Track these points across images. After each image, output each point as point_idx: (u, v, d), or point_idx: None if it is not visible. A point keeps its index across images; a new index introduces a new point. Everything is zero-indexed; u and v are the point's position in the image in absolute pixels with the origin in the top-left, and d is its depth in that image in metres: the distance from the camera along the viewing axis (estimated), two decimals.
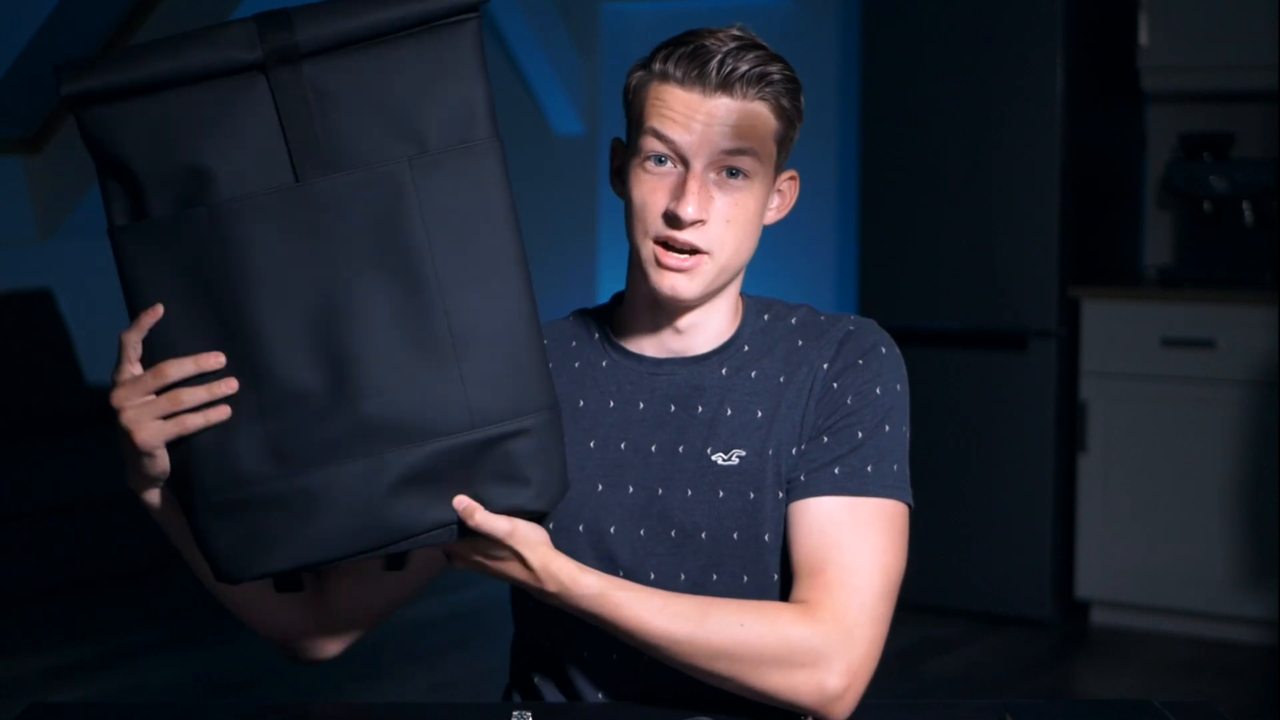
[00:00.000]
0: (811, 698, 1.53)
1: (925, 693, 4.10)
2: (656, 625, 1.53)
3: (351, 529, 1.39)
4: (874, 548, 1.58)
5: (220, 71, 1.37)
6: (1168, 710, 1.60)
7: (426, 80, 1.39)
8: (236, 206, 1.37)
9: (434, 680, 4.04)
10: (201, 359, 1.39)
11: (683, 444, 1.64)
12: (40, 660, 4.42)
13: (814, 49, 5.43)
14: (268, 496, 1.39)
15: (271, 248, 1.37)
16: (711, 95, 1.58)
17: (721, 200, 1.59)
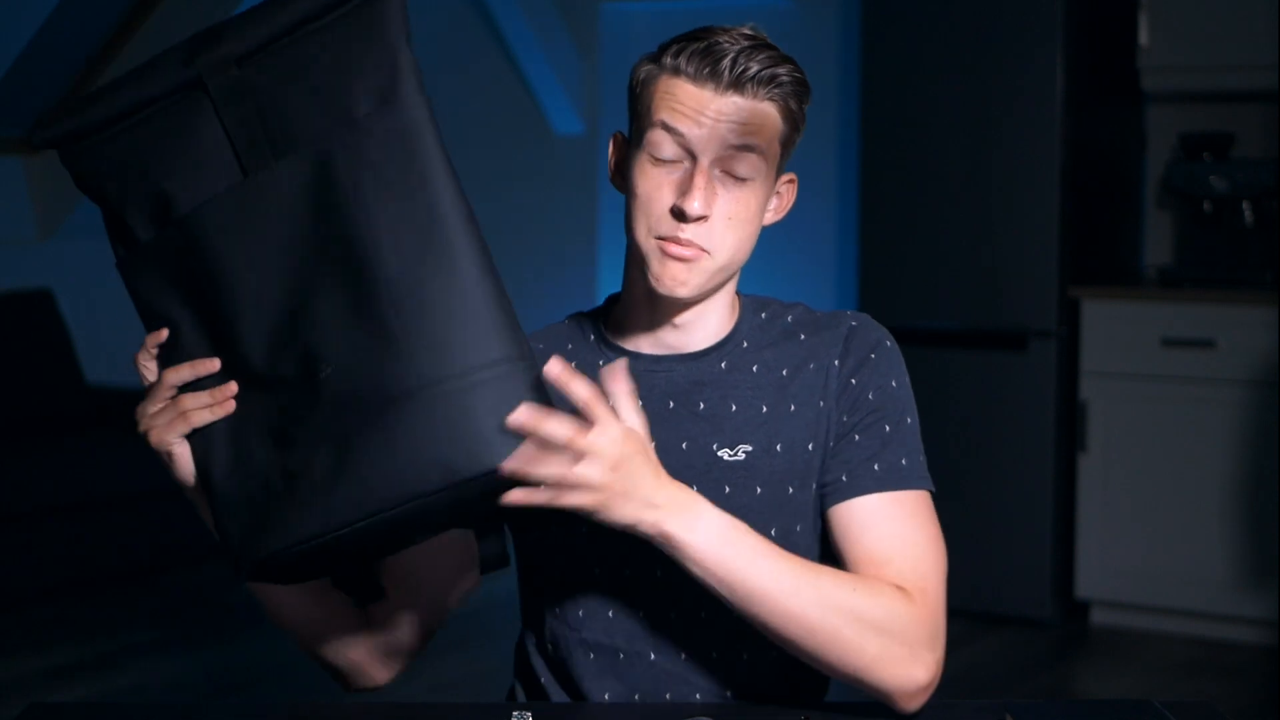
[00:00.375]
0: (900, 684, 1.54)
1: None
2: (768, 573, 1.49)
3: (328, 509, 1.38)
4: (928, 536, 1.60)
5: (164, 94, 1.44)
6: (1168, 710, 1.60)
7: (349, 56, 1.41)
8: (199, 215, 1.43)
9: (434, 680, 4.04)
10: (198, 364, 1.46)
11: (686, 440, 1.64)
12: (40, 660, 4.42)
13: (814, 49, 5.43)
14: (270, 484, 1.41)
15: (234, 246, 1.42)
16: (723, 93, 1.58)
17: (725, 198, 1.59)
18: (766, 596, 1.49)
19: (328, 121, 1.41)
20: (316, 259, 1.41)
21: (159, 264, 1.46)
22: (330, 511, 1.37)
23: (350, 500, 1.37)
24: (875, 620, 1.52)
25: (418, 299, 1.38)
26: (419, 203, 1.40)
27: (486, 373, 1.37)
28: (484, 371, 1.37)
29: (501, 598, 4.81)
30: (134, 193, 1.46)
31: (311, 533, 1.38)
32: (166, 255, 1.45)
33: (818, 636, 1.51)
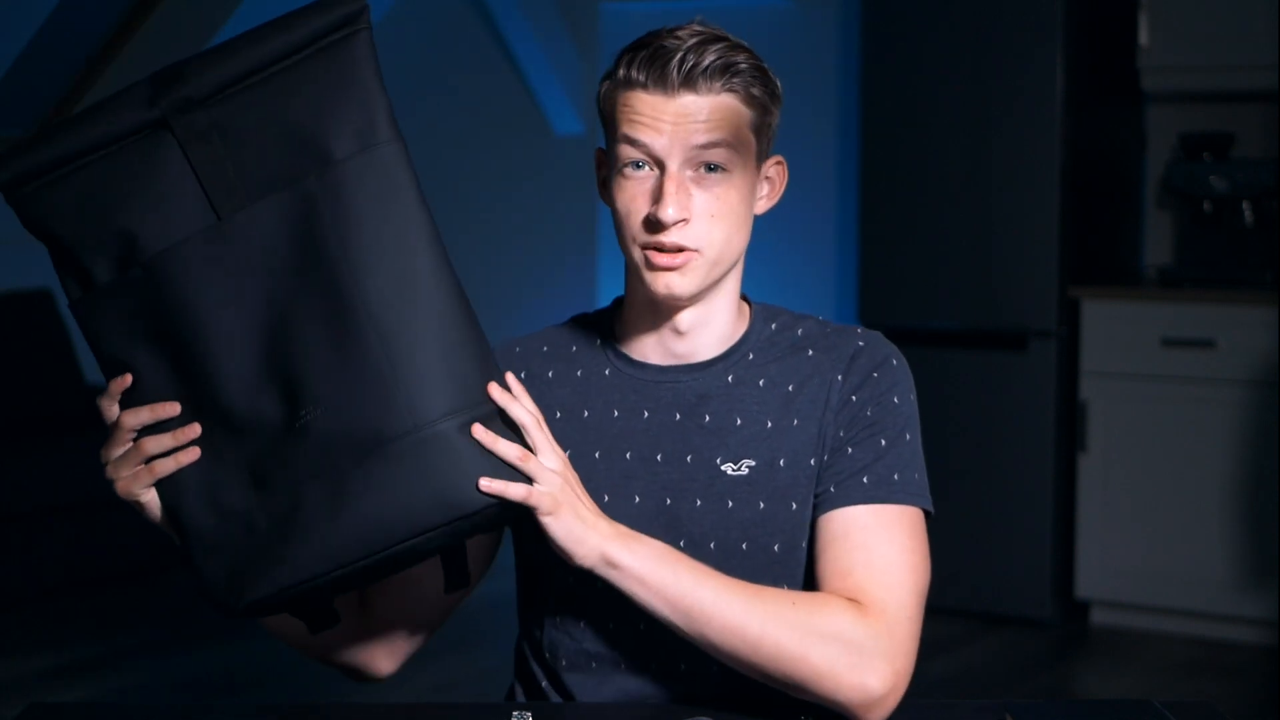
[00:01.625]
0: (852, 694, 1.52)
1: (925, 693, 4.09)
2: (709, 589, 1.51)
3: (327, 548, 1.40)
4: (901, 549, 1.58)
5: (126, 134, 1.42)
6: (1168, 710, 1.60)
7: (323, 97, 1.41)
8: (168, 258, 1.41)
9: (434, 680, 4.04)
10: (157, 408, 1.44)
11: (690, 453, 1.63)
12: (40, 660, 4.42)
13: (814, 49, 5.43)
14: (251, 527, 1.41)
15: (208, 289, 1.41)
16: (676, 94, 1.57)
17: (702, 196, 1.58)
18: (708, 613, 1.50)
19: (303, 162, 1.41)
20: (296, 301, 1.40)
21: (122, 305, 1.43)
22: (334, 549, 1.39)
23: (354, 537, 1.39)
24: (818, 631, 1.51)
25: (405, 341, 1.40)
26: (402, 246, 1.42)
27: (477, 411, 1.41)
28: (474, 410, 1.41)
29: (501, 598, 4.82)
30: (93, 233, 1.42)
31: (317, 571, 1.40)
32: (131, 296, 1.42)
33: (762, 649, 1.51)
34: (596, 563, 1.49)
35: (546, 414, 1.66)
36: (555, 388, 1.69)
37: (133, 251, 1.41)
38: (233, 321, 1.41)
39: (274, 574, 1.40)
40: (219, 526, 1.42)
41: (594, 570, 1.50)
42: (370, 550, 1.40)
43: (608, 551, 1.49)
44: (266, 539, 1.41)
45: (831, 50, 5.44)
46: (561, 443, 1.65)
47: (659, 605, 1.51)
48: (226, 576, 1.42)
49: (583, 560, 1.49)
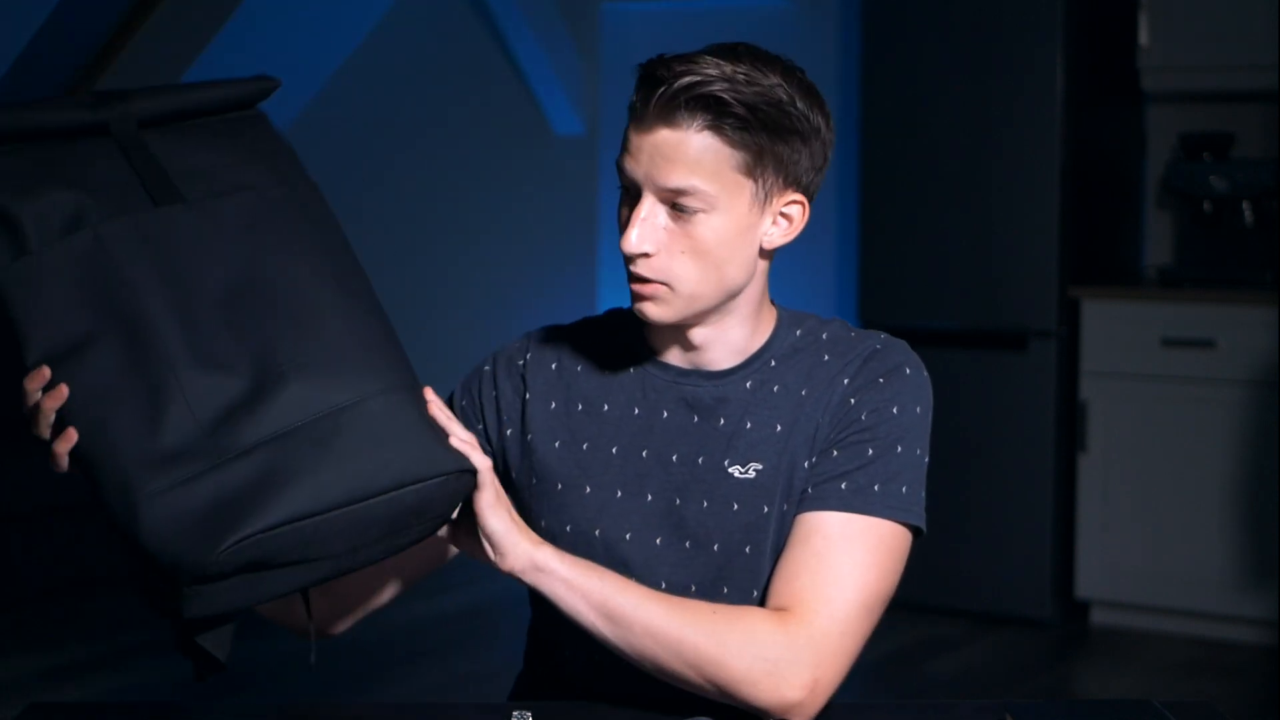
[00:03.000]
0: (770, 700, 1.52)
1: (925, 693, 4.10)
2: (631, 595, 1.54)
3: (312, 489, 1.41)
4: (856, 564, 1.57)
5: (67, 129, 1.52)
6: (1168, 710, 1.60)
7: (235, 145, 1.56)
8: (119, 227, 1.47)
9: (434, 680, 4.04)
10: (33, 377, 1.45)
11: (703, 455, 1.64)
12: (39, 660, 4.42)
13: (814, 49, 5.42)
14: (222, 476, 1.40)
15: (153, 262, 1.47)
16: (652, 129, 1.55)
17: (674, 232, 1.56)
18: (629, 618, 1.52)
19: (223, 184, 1.53)
20: (235, 286, 1.47)
21: (66, 270, 1.45)
22: (321, 490, 1.40)
23: (336, 483, 1.41)
24: (735, 639, 1.52)
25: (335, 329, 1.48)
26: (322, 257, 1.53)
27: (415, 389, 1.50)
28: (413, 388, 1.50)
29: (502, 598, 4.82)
30: (38, 201, 1.46)
31: (303, 510, 1.40)
32: (75, 262, 1.45)
33: (682, 654, 1.52)
34: (526, 567, 1.52)
35: (570, 404, 1.68)
36: (581, 379, 1.70)
37: (78, 220, 1.46)
38: (180, 295, 1.45)
39: (264, 511, 1.39)
40: (186, 479, 1.40)
41: (521, 575, 1.53)
42: (354, 497, 1.41)
43: (535, 556, 1.52)
44: (245, 485, 1.40)
45: (831, 50, 5.44)
46: (580, 434, 1.67)
47: (583, 610, 1.53)
48: (199, 522, 1.39)
49: (512, 564, 1.52)
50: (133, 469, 1.41)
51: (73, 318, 1.44)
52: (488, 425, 1.72)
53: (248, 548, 1.38)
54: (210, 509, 1.38)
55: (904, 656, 4.41)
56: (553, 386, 1.70)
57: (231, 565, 1.39)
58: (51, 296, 1.45)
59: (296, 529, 1.40)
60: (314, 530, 1.40)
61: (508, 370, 1.73)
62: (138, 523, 1.40)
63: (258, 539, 1.38)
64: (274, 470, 1.40)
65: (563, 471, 1.67)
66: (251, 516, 1.38)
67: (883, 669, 4.29)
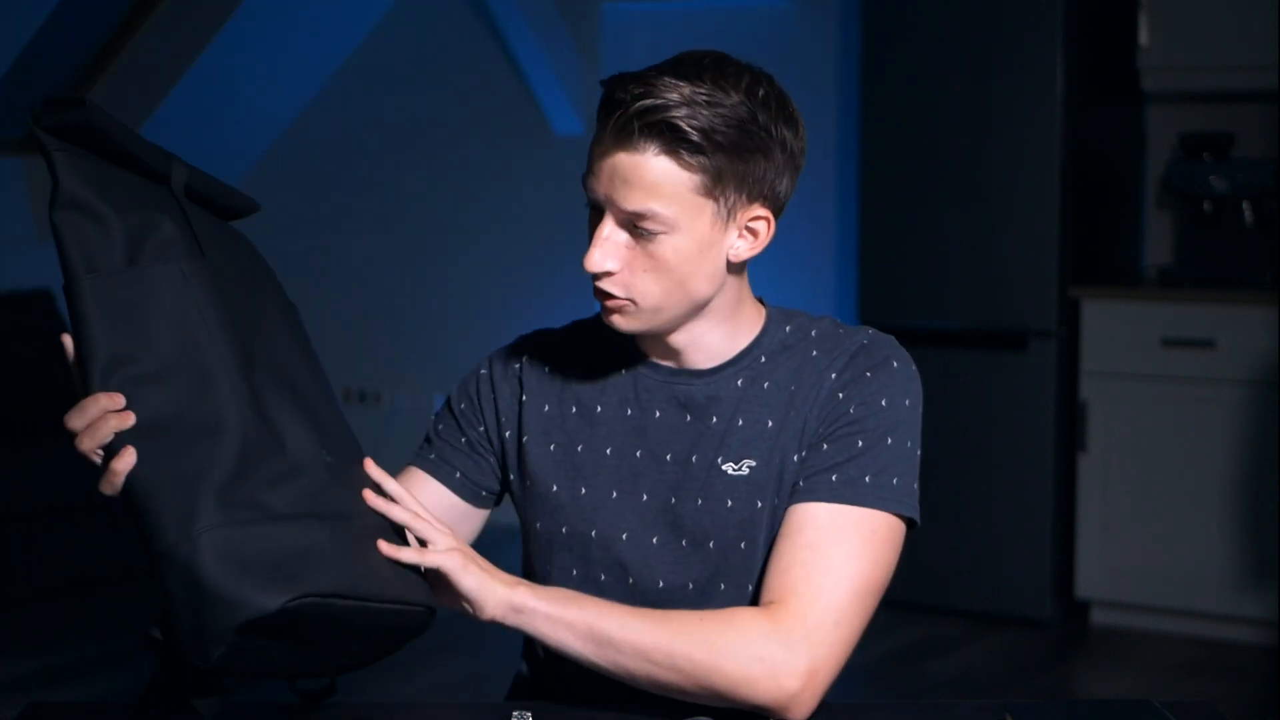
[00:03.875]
0: (769, 696, 1.52)
1: (925, 693, 4.09)
2: (614, 617, 1.53)
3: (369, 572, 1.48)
4: (849, 554, 1.57)
5: (144, 166, 1.52)
6: (1168, 710, 1.60)
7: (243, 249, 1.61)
8: (194, 267, 1.47)
9: (434, 680, 4.04)
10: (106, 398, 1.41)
11: (696, 453, 1.64)
12: (39, 660, 4.41)
13: (814, 49, 5.42)
14: (287, 528, 1.41)
15: (215, 308, 1.47)
16: (610, 151, 1.56)
17: (635, 250, 1.58)
18: (616, 639, 1.52)
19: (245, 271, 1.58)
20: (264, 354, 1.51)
21: (161, 293, 1.45)
22: (357, 578, 1.43)
23: (369, 579, 1.45)
24: (728, 641, 1.51)
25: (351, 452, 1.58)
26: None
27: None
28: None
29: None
30: (133, 215, 1.46)
31: (348, 590, 1.42)
32: (170, 287, 1.45)
33: (676, 666, 1.52)
34: (505, 613, 1.53)
35: (564, 406, 1.68)
36: (574, 381, 1.70)
37: (167, 250, 1.46)
38: (238, 349, 1.46)
39: (325, 575, 1.40)
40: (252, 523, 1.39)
41: (503, 621, 1.53)
42: (378, 596, 1.45)
43: (513, 599, 1.53)
44: (308, 545, 1.41)
45: (831, 50, 5.44)
46: (575, 436, 1.67)
47: (570, 640, 1.53)
48: (262, 568, 1.37)
49: (491, 612, 1.53)
50: (198, 500, 1.38)
51: (155, 342, 1.43)
52: (488, 427, 1.72)
53: (303, 606, 1.38)
54: (272, 558, 1.38)
55: (904, 656, 4.41)
56: (546, 389, 1.71)
57: (281, 620, 1.38)
58: (142, 314, 1.44)
59: (337, 606, 1.41)
60: (349, 613, 1.42)
61: (504, 373, 1.73)
62: (201, 553, 1.37)
63: (312, 601, 1.38)
64: (322, 543, 1.41)
65: (557, 474, 1.67)
66: (310, 576, 1.39)
67: (883, 669, 4.29)
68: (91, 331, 1.41)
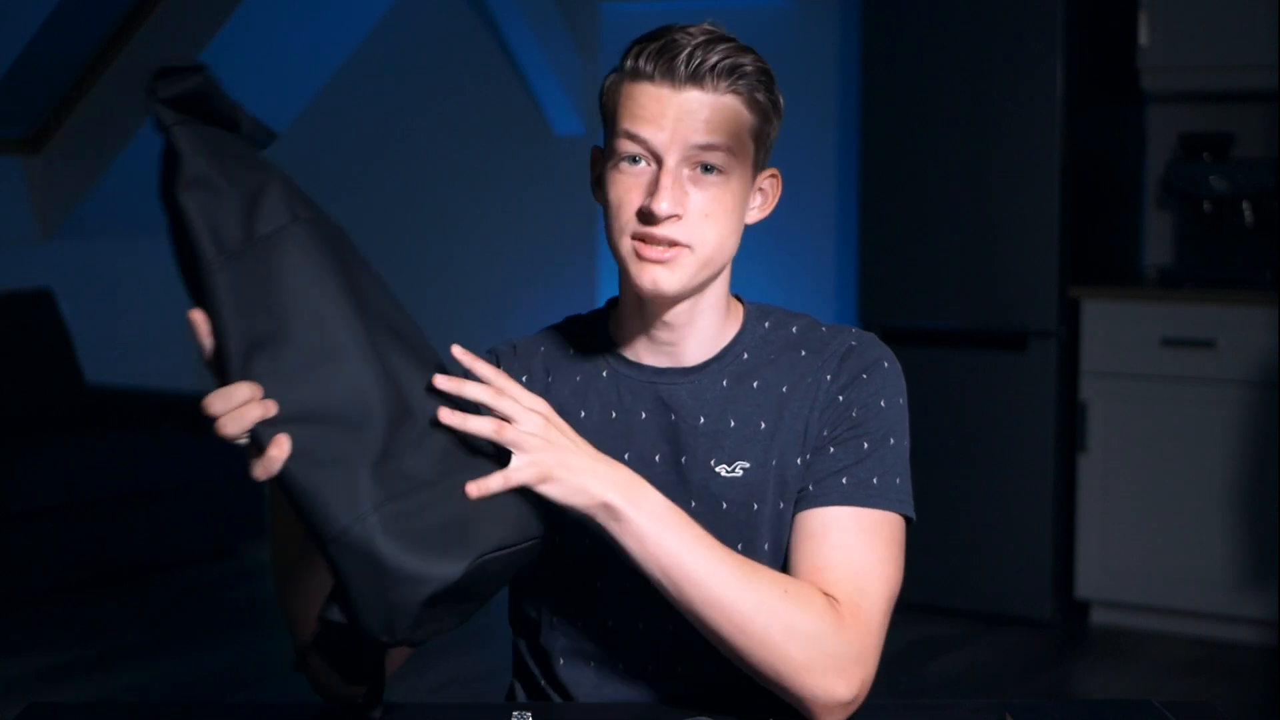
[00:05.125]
0: (818, 694, 1.51)
1: (925, 693, 4.09)
2: (707, 563, 1.50)
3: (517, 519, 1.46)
4: (879, 557, 1.58)
5: (243, 130, 1.47)
6: (1168, 710, 1.60)
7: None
8: (308, 230, 1.43)
9: (434, 680, 4.04)
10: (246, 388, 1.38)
11: (685, 455, 1.63)
12: (40, 660, 4.42)
13: (814, 49, 5.43)
14: (441, 495, 1.40)
15: (334, 271, 1.43)
16: (682, 89, 1.56)
17: (698, 195, 1.57)
18: (701, 584, 1.49)
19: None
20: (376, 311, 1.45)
21: (268, 266, 1.40)
22: (505, 528, 1.43)
23: (508, 525, 1.43)
24: (802, 626, 1.50)
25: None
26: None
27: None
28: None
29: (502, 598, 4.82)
30: (240, 186, 1.41)
31: (504, 541, 1.42)
32: (274, 261, 1.41)
33: (746, 632, 1.50)
34: (596, 509, 1.48)
35: None
36: (554, 389, 1.69)
37: (276, 213, 1.41)
38: (354, 310, 1.42)
39: (492, 532, 1.40)
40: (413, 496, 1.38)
41: (594, 518, 1.48)
42: (517, 539, 1.44)
43: (610, 500, 1.48)
44: (451, 513, 1.40)
45: (831, 50, 5.44)
46: None
47: (652, 567, 1.50)
48: (440, 537, 1.38)
49: (586, 507, 1.47)
50: (359, 479, 1.36)
51: (288, 320, 1.40)
52: None
53: (480, 566, 1.39)
54: (439, 526, 1.37)
55: (904, 656, 4.41)
56: None
57: (466, 582, 1.38)
58: (270, 291, 1.40)
59: (501, 557, 1.41)
60: (504, 563, 1.42)
61: None
62: (377, 534, 1.35)
63: (486, 559, 1.39)
64: (461, 504, 1.40)
65: None
66: (477, 537, 1.39)
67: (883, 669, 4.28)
68: (227, 316, 1.38)
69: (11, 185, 5.71)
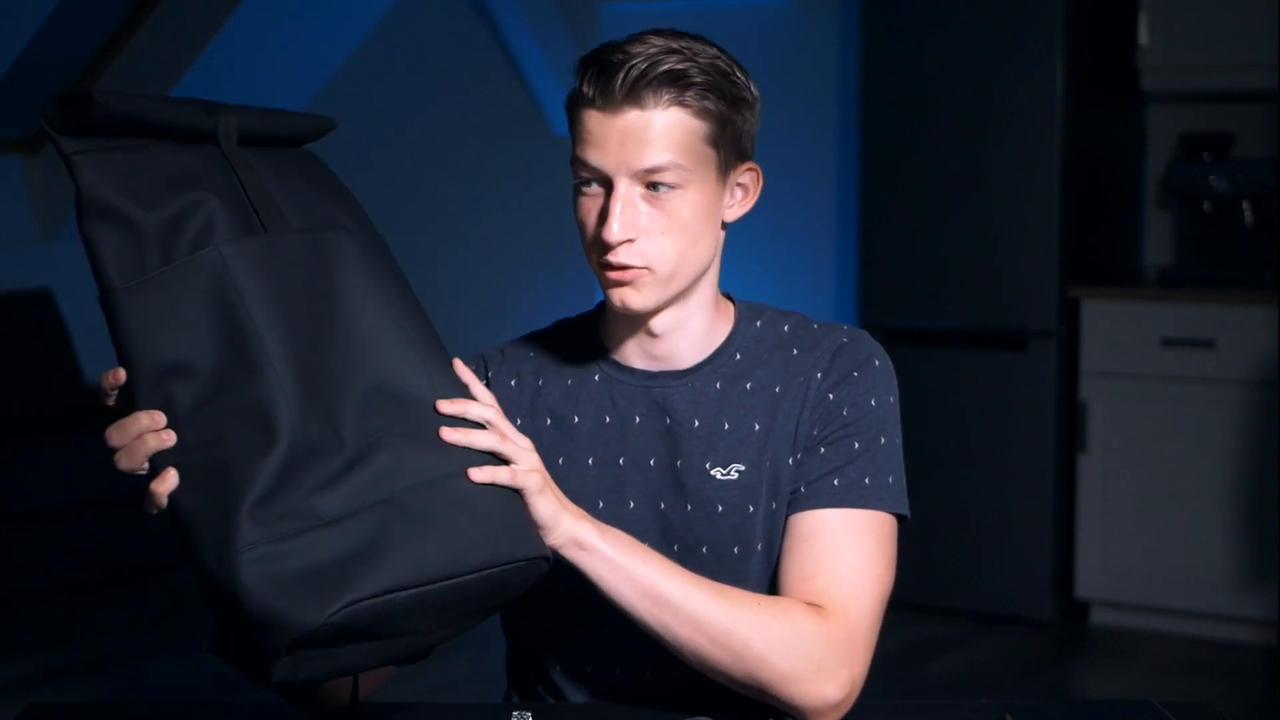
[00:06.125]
0: (809, 700, 1.52)
1: (925, 693, 4.09)
2: (677, 582, 1.50)
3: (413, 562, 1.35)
4: (868, 556, 1.57)
5: (183, 130, 1.43)
6: (1168, 710, 1.60)
7: (320, 177, 1.54)
8: (238, 248, 1.38)
9: (434, 680, 4.04)
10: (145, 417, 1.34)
11: (680, 458, 1.63)
12: (39, 660, 4.42)
13: (814, 49, 5.42)
14: (323, 538, 1.32)
15: (272, 292, 1.38)
16: (620, 111, 1.54)
17: (652, 214, 1.56)
18: (674, 604, 1.49)
19: (321, 213, 1.48)
20: (341, 333, 1.41)
21: (183, 290, 1.36)
22: (419, 563, 1.34)
23: (437, 556, 1.35)
24: (783, 635, 1.50)
25: (450, 393, 1.44)
26: (415, 308, 1.50)
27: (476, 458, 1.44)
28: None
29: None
30: (160, 207, 1.37)
31: (403, 581, 1.33)
32: (193, 283, 1.36)
33: (727, 647, 1.50)
34: (568, 545, 1.47)
35: (538, 420, 1.66)
36: (545, 394, 1.68)
37: (204, 237, 1.37)
38: (286, 336, 1.37)
39: (368, 578, 1.31)
40: (285, 541, 1.31)
41: (562, 552, 1.47)
42: (454, 571, 1.36)
43: (578, 534, 1.47)
44: (349, 550, 1.32)
45: (831, 50, 5.44)
46: (554, 450, 1.65)
47: (626, 592, 1.49)
48: (302, 589, 1.31)
49: (554, 541, 1.46)
50: (234, 521, 1.31)
51: (198, 343, 1.35)
52: None
53: (353, 613, 1.31)
54: (314, 570, 1.31)
55: (904, 656, 4.41)
56: (516, 403, 1.68)
57: (334, 630, 1.31)
58: (182, 314, 1.35)
59: (398, 599, 1.33)
60: (415, 602, 1.35)
61: None
62: (238, 578, 1.30)
63: (364, 605, 1.31)
64: (375, 537, 1.33)
65: None
66: (357, 581, 1.31)
67: (882, 669, 4.28)
68: (131, 343, 1.35)
69: (11, 185, 5.71)
